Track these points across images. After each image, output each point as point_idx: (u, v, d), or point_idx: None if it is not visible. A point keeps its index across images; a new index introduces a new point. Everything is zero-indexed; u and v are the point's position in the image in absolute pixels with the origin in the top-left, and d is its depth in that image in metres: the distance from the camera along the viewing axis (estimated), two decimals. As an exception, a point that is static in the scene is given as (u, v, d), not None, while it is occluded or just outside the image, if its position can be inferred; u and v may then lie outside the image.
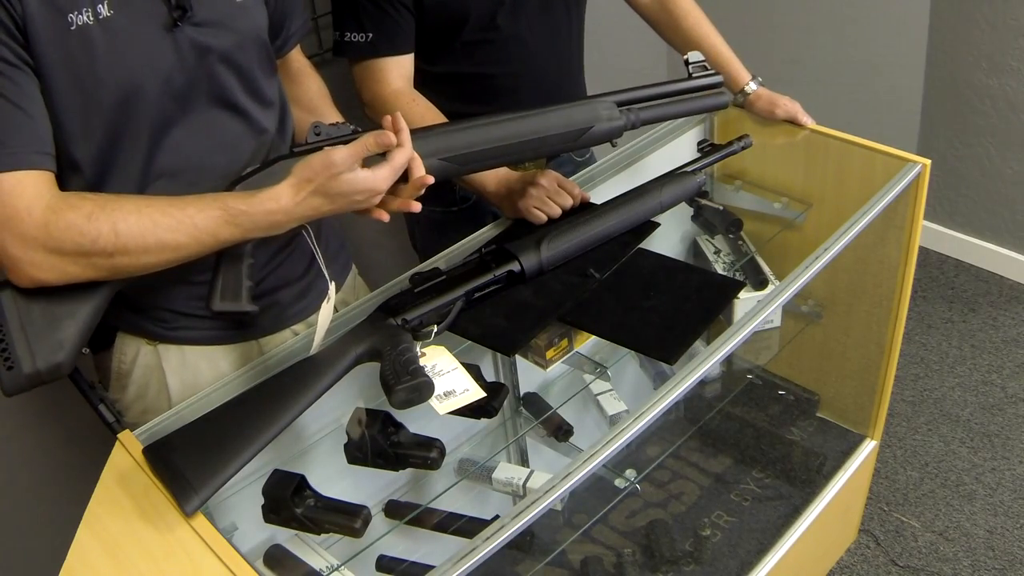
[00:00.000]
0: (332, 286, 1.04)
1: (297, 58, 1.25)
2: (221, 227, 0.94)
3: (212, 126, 1.03)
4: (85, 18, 0.91)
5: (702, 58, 1.24)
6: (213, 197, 0.96)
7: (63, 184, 0.99)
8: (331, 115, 1.22)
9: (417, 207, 1.03)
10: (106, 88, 0.94)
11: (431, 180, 1.02)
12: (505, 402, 1.17)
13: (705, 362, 1.02)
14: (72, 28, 0.90)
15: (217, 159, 1.04)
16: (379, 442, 1.06)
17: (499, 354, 1.33)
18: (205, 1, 0.99)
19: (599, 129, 1.15)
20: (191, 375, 1.15)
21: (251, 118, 1.07)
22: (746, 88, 1.50)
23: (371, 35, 1.33)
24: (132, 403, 1.16)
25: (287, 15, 1.17)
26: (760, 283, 1.46)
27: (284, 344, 1.15)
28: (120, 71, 0.94)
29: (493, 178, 1.30)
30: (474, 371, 1.06)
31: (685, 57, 1.25)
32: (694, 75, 1.24)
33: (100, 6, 0.91)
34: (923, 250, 2.63)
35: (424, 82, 1.39)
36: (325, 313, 1.04)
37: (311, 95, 1.24)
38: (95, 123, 0.95)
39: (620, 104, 1.17)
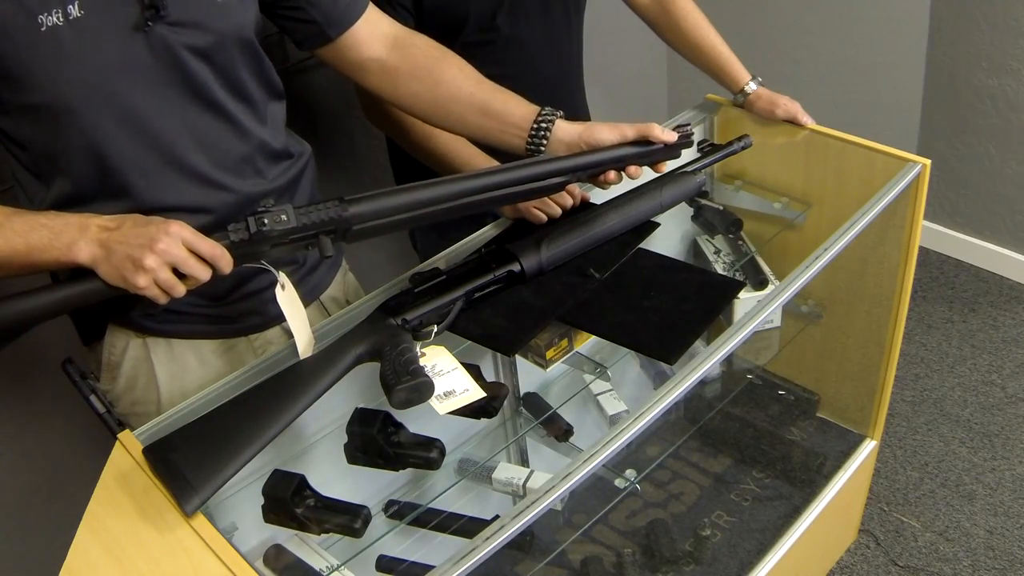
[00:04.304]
0: (281, 275, 1.02)
1: (415, 43, 1.16)
2: (31, 228, 0.93)
3: (193, 125, 1.03)
4: (55, 19, 0.90)
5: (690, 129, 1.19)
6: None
7: (46, 183, 1.00)
8: (513, 111, 1.14)
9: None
10: (76, 88, 0.93)
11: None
12: (505, 402, 1.17)
13: (705, 362, 1.02)
14: (42, 29, 0.90)
15: (197, 158, 1.04)
16: (379, 442, 1.06)
17: (499, 354, 1.33)
18: (181, 1, 0.98)
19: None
20: (179, 368, 1.16)
21: (233, 117, 1.06)
22: (746, 88, 1.50)
23: (371, 36, 1.32)
24: (122, 394, 1.17)
25: None
26: (760, 283, 1.46)
27: (283, 345, 1.15)
28: (90, 71, 0.93)
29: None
30: (474, 371, 1.06)
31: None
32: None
33: (70, 7, 0.91)
34: (923, 250, 2.63)
35: (424, 82, 1.39)
36: (288, 305, 1.02)
37: (466, 91, 1.15)
38: (66, 123, 0.95)
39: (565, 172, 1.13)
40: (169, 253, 0.90)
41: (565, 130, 1.13)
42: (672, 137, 1.15)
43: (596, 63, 1.73)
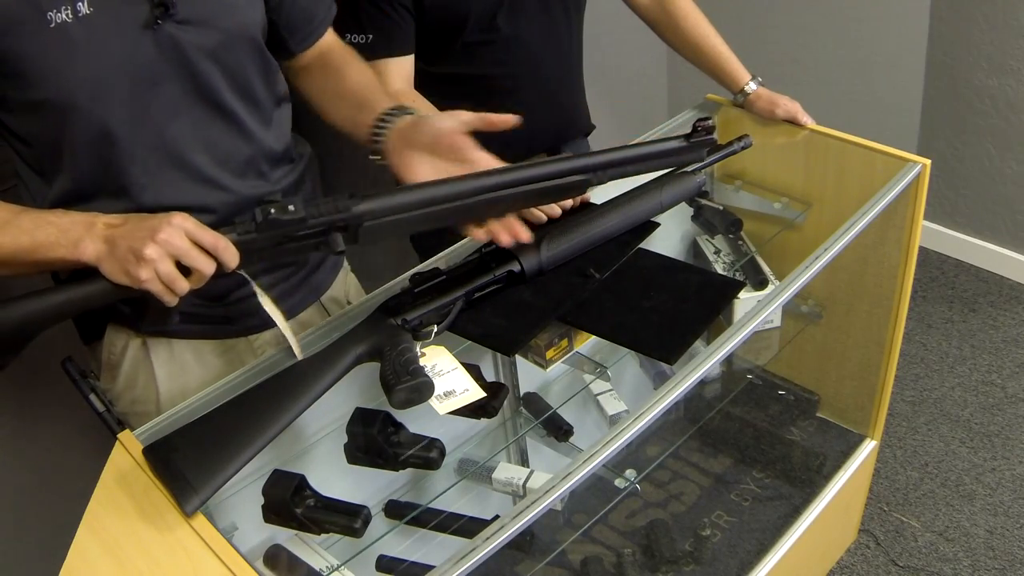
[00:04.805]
0: (254, 284, 1.00)
1: (334, 47, 1.20)
2: (38, 226, 0.93)
3: (199, 125, 1.03)
4: (64, 16, 0.90)
5: (711, 122, 1.16)
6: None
7: (49, 181, 1.00)
8: (381, 106, 1.11)
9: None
10: (83, 85, 0.93)
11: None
12: (505, 402, 1.17)
13: (705, 362, 1.02)
14: (51, 26, 0.90)
15: (201, 158, 1.04)
16: (379, 442, 1.06)
17: (499, 354, 1.33)
18: None
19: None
20: (179, 368, 1.16)
21: (239, 120, 1.06)
22: (746, 88, 1.50)
23: (371, 36, 1.33)
24: (121, 393, 1.17)
25: (310, 2, 1.14)
26: (760, 283, 1.46)
27: (284, 345, 1.15)
28: (97, 69, 0.93)
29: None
30: (474, 371, 1.06)
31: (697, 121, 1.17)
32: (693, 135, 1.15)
33: (80, 4, 0.91)
34: (923, 250, 2.63)
35: (424, 83, 1.39)
36: (270, 308, 1.01)
37: (357, 87, 1.16)
38: (72, 120, 0.95)
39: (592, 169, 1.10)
40: (170, 243, 0.88)
41: (404, 120, 1.07)
42: (506, 120, 1.05)
43: (596, 63, 1.73)
